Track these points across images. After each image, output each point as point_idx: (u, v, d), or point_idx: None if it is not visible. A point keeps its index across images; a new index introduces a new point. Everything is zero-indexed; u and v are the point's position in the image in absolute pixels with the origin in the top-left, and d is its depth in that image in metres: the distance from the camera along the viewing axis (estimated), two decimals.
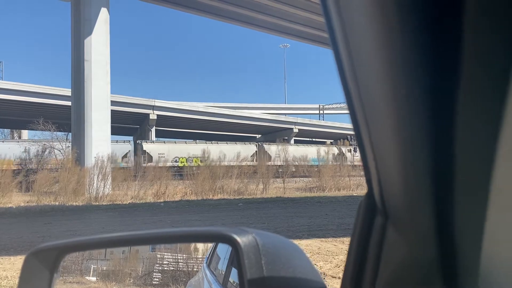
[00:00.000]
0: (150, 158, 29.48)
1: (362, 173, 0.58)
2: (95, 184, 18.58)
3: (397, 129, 0.44)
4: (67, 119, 24.22)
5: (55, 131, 25.70)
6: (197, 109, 42.00)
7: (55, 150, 24.46)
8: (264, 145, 34.91)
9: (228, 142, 36.13)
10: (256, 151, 33.89)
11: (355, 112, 0.50)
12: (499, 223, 0.44)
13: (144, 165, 25.53)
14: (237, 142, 36.36)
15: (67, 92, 25.90)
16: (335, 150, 35.87)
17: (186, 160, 31.06)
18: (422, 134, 0.42)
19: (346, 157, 33.08)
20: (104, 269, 1.27)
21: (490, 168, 0.39)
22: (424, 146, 0.43)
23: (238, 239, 0.76)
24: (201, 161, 27.76)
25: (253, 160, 30.72)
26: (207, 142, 35.49)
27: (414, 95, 0.40)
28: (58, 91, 32.17)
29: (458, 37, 0.35)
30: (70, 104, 23.59)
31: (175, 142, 34.58)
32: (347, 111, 0.53)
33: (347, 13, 0.41)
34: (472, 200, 0.43)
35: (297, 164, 27.32)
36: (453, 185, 0.43)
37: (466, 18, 0.33)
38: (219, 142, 35.51)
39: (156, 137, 40.19)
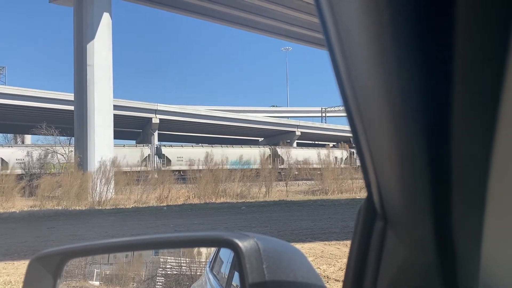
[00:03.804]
0: (6, 164, 25.58)
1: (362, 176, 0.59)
2: (98, 188, 18.59)
3: (394, 132, 0.43)
4: (70, 123, 24.27)
5: (58, 135, 25.73)
6: (199, 113, 41.96)
7: (58, 155, 24.46)
8: (162, 148, 32.44)
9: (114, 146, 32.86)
10: (148, 155, 30.92)
11: (352, 116, 0.50)
12: (497, 226, 0.44)
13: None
14: (125, 145, 32.83)
15: (70, 96, 25.95)
16: (267, 151, 33.46)
17: None
18: (419, 137, 0.42)
19: (283, 159, 30.48)
20: (108, 273, 1.27)
21: (488, 171, 0.39)
22: (422, 149, 0.43)
23: (240, 243, 0.76)
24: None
25: (145, 165, 27.90)
26: None
27: (409, 96, 0.40)
28: (61, 96, 32.21)
29: (453, 37, 0.34)
30: (73, 109, 23.67)
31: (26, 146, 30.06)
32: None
33: (340, 13, 0.41)
34: (470, 204, 0.43)
35: (195, 168, 23.53)
36: (451, 189, 0.44)
37: (460, 17, 0.33)
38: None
39: (158, 141, 40.12)
